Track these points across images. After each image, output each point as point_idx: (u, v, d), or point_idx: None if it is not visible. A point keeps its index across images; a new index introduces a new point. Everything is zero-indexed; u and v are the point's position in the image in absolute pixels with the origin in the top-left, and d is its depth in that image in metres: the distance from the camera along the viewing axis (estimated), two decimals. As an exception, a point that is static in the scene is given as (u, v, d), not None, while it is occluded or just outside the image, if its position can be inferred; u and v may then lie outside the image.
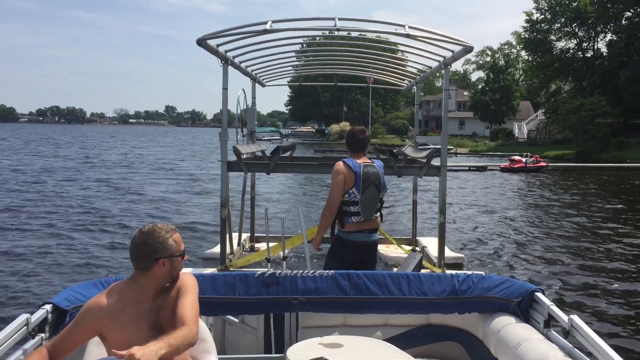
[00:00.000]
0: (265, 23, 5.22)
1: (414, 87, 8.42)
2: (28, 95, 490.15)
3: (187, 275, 2.41)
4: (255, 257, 6.68)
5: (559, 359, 2.30)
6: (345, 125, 67.37)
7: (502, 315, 2.83)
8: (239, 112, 7.53)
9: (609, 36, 46.34)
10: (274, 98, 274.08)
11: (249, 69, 7.41)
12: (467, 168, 30.09)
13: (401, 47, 6.30)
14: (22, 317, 2.37)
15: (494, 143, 51.52)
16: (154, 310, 2.26)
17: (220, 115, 6.09)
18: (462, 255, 8.26)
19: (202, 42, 5.40)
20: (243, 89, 7.55)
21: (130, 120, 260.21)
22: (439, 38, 5.44)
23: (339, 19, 5.21)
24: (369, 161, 4.41)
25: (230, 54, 6.14)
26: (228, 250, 6.81)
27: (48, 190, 17.07)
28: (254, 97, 8.19)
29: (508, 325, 2.71)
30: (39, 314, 2.47)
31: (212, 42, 5.56)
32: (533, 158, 29.53)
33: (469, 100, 60.45)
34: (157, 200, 15.51)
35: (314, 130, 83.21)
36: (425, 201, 15.21)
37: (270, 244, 5.49)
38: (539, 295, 2.76)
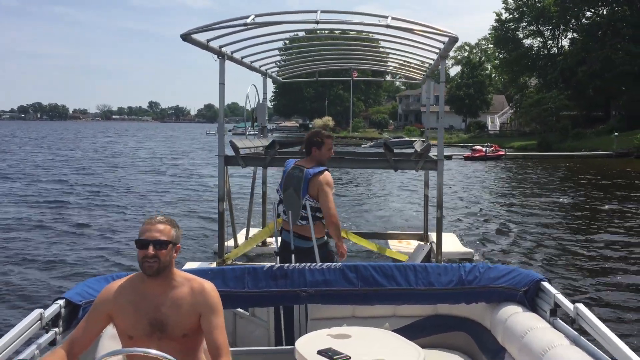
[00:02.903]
0: (247, 17, 5.18)
1: (420, 81, 8.80)
2: (9, 92, 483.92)
3: (212, 288, 2.31)
4: (245, 247, 6.62)
5: (565, 346, 2.30)
6: (328, 120, 69.38)
7: (508, 305, 2.85)
8: (248, 107, 7.47)
9: (570, 34, 49.26)
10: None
11: (255, 64, 7.22)
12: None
13: (398, 40, 6.40)
14: (36, 312, 2.38)
15: (467, 135, 54.09)
16: (157, 307, 2.22)
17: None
18: (472, 251, 8.17)
19: (187, 37, 5.28)
20: (254, 85, 7.43)
21: (114, 116, 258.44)
22: (425, 29, 5.38)
23: (322, 12, 5.20)
24: (305, 165, 4.20)
25: (227, 49, 6.00)
26: (232, 244, 6.85)
27: (60, 185, 17.28)
28: (265, 93, 8.03)
29: (515, 315, 2.73)
30: (52, 309, 2.48)
31: (201, 37, 5.45)
32: (492, 148, 32.47)
33: (446, 94, 62.91)
34: (166, 195, 15.58)
35: (297, 125, 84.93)
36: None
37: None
38: (545, 284, 2.78)
